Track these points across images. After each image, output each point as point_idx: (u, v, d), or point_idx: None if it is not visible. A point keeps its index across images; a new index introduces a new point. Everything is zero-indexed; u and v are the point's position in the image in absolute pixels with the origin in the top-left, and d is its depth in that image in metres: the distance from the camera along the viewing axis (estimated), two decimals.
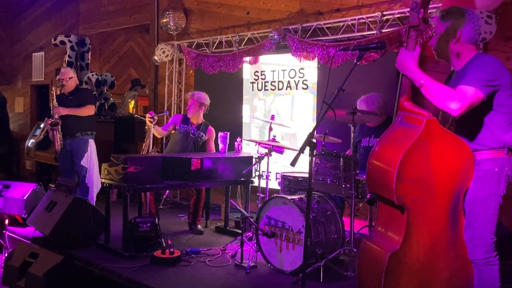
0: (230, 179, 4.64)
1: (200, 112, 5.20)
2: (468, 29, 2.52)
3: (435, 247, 2.52)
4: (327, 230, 3.67)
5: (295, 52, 5.34)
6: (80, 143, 5.34)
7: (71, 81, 5.41)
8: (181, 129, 5.16)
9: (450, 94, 2.38)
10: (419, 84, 2.47)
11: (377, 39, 4.61)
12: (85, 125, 5.36)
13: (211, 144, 5.24)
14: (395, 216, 2.54)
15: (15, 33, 10.17)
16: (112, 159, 4.14)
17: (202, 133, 5.17)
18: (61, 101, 5.37)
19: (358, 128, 4.43)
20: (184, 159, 4.28)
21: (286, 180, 4.24)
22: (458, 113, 2.38)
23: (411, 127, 2.51)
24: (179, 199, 6.77)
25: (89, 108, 5.34)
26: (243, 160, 4.65)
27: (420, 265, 2.51)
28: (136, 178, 4.07)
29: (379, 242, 2.60)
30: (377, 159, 2.57)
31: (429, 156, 2.44)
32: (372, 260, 2.58)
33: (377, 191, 2.59)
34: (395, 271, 2.48)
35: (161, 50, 6.78)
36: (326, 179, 3.70)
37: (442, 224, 2.51)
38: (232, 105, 6.26)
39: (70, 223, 4.24)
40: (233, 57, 6.02)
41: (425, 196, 2.48)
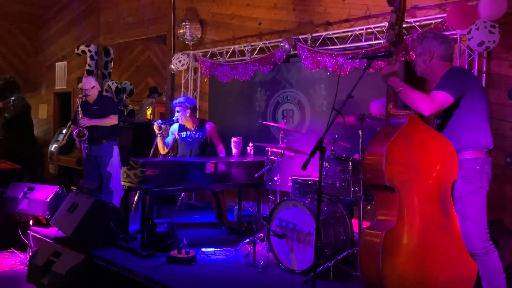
0: (243, 182, 4.64)
1: (189, 115, 4.97)
2: (440, 49, 2.86)
3: (427, 230, 2.66)
4: (336, 231, 3.66)
5: (305, 60, 5.34)
6: (106, 149, 5.38)
7: (94, 90, 5.43)
8: (181, 138, 5.08)
9: (422, 98, 2.70)
10: (398, 90, 2.81)
11: (384, 48, 4.60)
12: (110, 132, 5.40)
13: (215, 139, 5.09)
14: (388, 200, 2.70)
15: (40, 43, 10.30)
16: (131, 163, 4.16)
17: (202, 133, 5.05)
18: (86, 110, 5.41)
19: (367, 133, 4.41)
20: (199, 163, 4.30)
21: (297, 183, 4.23)
22: (428, 113, 2.68)
23: (397, 123, 2.80)
24: (194, 201, 6.79)
25: (113, 118, 5.39)
26: (255, 164, 4.65)
27: (415, 246, 2.63)
28: (153, 181, 4.09)
29: (376, 227, 2.73)
30: (369, 153, 2.78)
31: (413, 145, 2.71)
32: (370, 242, 2.68)
33: (371, 181, 2.77)
34: (391, 250, 2.60)
35: (177, 60, 6.82)
36: (335, 182, 3.69)
37: (432, 208, 2.68)
38: (245, 111, 6.27)
39: (91, 223, 4.27)
40: (245, 65, 6.04)
41: (413, 180, 2.68)
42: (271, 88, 6.01)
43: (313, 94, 5.54)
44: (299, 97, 5.70)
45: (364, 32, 4.95)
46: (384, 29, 4.74)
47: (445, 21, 4.32)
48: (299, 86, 5.69)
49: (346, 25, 5.25)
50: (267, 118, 6.03)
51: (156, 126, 4.79)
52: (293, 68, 5.73)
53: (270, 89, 6.02)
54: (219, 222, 5.03)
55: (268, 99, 6.04)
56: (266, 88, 6.05)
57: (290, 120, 5.77)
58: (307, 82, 5.59)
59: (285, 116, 5.82)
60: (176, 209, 6.27)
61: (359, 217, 3.62)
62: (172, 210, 6.17)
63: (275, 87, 5.95)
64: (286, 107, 5.85)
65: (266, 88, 6.06)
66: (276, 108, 5.96)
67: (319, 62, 5.24)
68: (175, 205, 6.39)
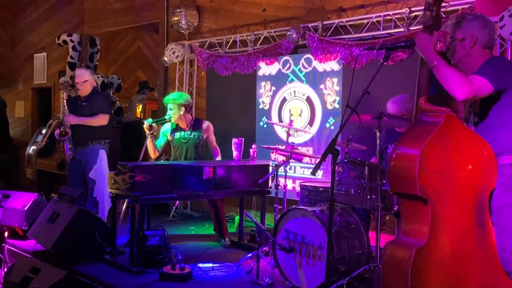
0: (245, 189, 4.64)
1: (182, 113, 4.99)
2: (484, 34, 2.77)
3: (461, 245, 2.61)
4: (351, 245, 3.65)
5: (315, 52, 5.35)
6: (91, 153, 5.37)
7: (86, 84, 5.43)
8: (174, 140, 5.08)
9: (459, 78, 2.60)
10: (432, 65, 2.68)
11: (405, 37, 4.61)
12: (97, 134, 5.39)
13: (212, 139, 5.13)
14: (419, 212, 2.64)
15: (16, 32, 10.35)
16: (118, 168, 4.17)
17: (197, 133, 5.07)
18: (74, 106, 5.43)
19: (385, 133, 4.42)
20: (195, 167, 4.30)
21: (306, 191, 4.23)
22: (462, 97, 2.60)
23: (431, 122, 2.70)
24: (190, 210, 6.80)
25: (102, 118, 5.37)
26: (259, 168, 4.65)
27: (448, 264, 2.57)
28: (144, 187, 4.09)
29: (404, 242, 2.67)
30: (398, 156, 2.70)
31: (449, 149, 2.62)
32: (397, 260, 2.64)
33: (399, 189, 2.71)
34: (422, 269, 2.55)
35: (171, 51, 6.85)
36: (349, 189, 3.69)
37: (467, 221, 2.61)
38: (247, 109, 6.28)
39: (74, 236, 4.27)
40: (248, 57, 6.05)
41: (447, 190, 2.60)
42: (276, 83, 6.01)
43: (324, 89, 5.55)
44: (308, 93, 5.70)
45: (382, 19, 4.95)
46: (405, 16, 4.74)
47: (473, 6, 4.32)
48: (308, 81, 5.69)
49: (361, 11, 5.25)
50: (272, 116, 6.03)
51: (146, 125, 4.80)
52: (302, 60, 5.73)
53: (275, 84, 6.03)
54: (218, 234, 5.04)
55: (273, 95, 6.05)
56: (271, 82, 6.06)
57: (298, 119, 5.77)
58: (318, 76, 5.60)
59: (292, 115, 5.83)
60: (170, 220, 6.27)
61: (377, 229, 3.62)
62: (165, 220, 6.17)
63: (281, 82, 5.95)
64: (294, 104, 5.86)
65: (271, 82, 6.07)
66: (282, 105, 5.97)
67: (331, 53, 5.24)
68: (168, 215, 6.39)
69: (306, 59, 5.69)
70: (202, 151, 5.08)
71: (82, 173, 5.44)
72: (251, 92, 6.24)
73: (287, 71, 5.90)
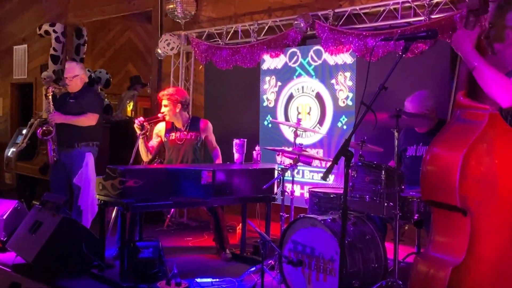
0: (247, 196, 4.63)
1: (178, 111, 4.97)
2: None
3: (502, 264, 2.55)
4: (366, 257, 3.64)
5: (326, 43, 5.34)
6: (77, 156, 5.35)
7: (76, 79, 5.42)
8: (169, 141, 5.06)
9: (503, 82, 2.52)
10: (472, 66, 2.61)
11: (426, 27, 4.59)
12: (85, 135, 5.37)
13: (211, 139, 5.12)
14: (455, 224, 2.59)
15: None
16: (107, 172, 4.17)
17: (195, 133, 5.04)
18: (61, 103, 5.43)
19: (404, 134, 4.40)
20: (192, 172, 4.29)
21: (316, 197, 4.22)
22: (508, 104, 2.52)
23: (472, 122, 2.62)
24: (187, 220, 6.79)
25: (90, 117, 5.34)
26: (263, 172, 4.64)
27: (487, 284, 2.54)
28: (135, 194, 4.09)
29: (436, 258, 2.62)
30: (435, 158, 2.63)
31: (494, 154, 2.55)
32: (429, 279, 2.59)
33: (434, 197, 2.64)
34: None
35: (165, 42, 6.84)
36: (364, 196, 3.67)
37: (508, 237, 2.56)
38: (249, 106, 6.27)
39: (58, 247, 4.27)
40: (250, 49, 6.04)
41: (489, 201, 2.54)
42: (282, 78, 6.00)
43: (335, 85, 5.54)
44: (318, 88, 5.69)
45: (400, 6, 4.94)
46: (425, 3, 4.73)
47: None
48: (318, 75, 5.68)
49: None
50: (277, 115, 6.02)
51: (137, 125, 4.78)
52: (311, 53, 5.72)
53: (281, 78, 6.01)
54: (218, 246, 5.03)
55: (279, 92, 6.04)
56: (277, 77, 6.05)
57: (307, 118, 5.76)
58: (328, 70, 5.59)
59: (300, 113, 5.82)
60: (164, 230, 6.27)
61: (395, 240, 3.60)
62: (159, 230, 6.17)
63: (288, 77, 5.94)
64: (302, 101, 5.84)
65: (276, 77, 6.06)
66: (289, 102, 5.96)
67: (343, 44, 5.23)
68: (162, 225, 6.39)
69: (315, 51, 5.68)
70: (200, 153, 5.07)
71: (67, 178, 5.43)
72: (254, 88, 6.23)
73: (294, 64, 5.88)
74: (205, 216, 5.91)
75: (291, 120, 5.81)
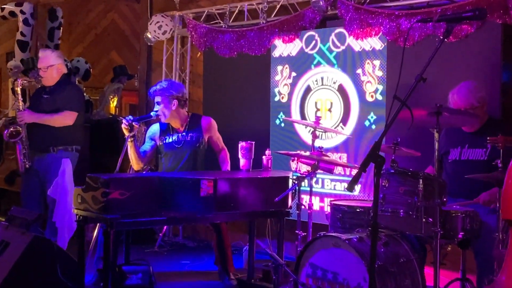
0: (256, 210, 4.64)
1: (175, 109, 4.95)
2: None
3: None
4: (400, 285, 3.64)
5: (350, 25, 5.35)
6: (52, 162, 5.36)
7: (51, 70, 5.43)
8: (164, 145, 5.06)
9: None
10: None
11: (472, 5, 4.58)
12: (63, 137, 5.39)
13: (216, 140, 5.13)
14: None
15: None
16: (88, 181, 4.18)
17: (195, 133, 5.04)
18: (36, 100, 5.46)
19: (446, 134, 4.40)
20: (190, 181, 4.31)
21: (339, 212, 4.22)
22: None
23: None
24: (183, 239, 6.81)
25: (66, 116, 5.36)
26: (275, 182, 4.65)
27: None
28: (121, 208, 4.10)
29: None
30: None
31: None
32: None
33: None
34: None
35: (156, 25, 6.85)
36: (397, 210, 3.67)
37: None
38: (258, 102, 6.28)
39: (28, 272, 4.28)
40: (259, 33, 6.06)
41: None
42: (298, 67, 6.02)
43: (362, 75, 5.54)
44: (340, 80, 5.70)
45: None
46: None
47: None
48: (340, 64, 5.69)
49: None
50: (292, 112, 6.04)
51: (125, 125, 4.79)
52: (332, 37, 5.73)
53: (296, 68, 6.03)
54: (220, 270, 5.05)
55: (293, 84, 6.05)
56: (291, 66, 6.06)
57: (328, 116, 5.77)
58: (353, 58, 5.59)
59: (319, 109, 5.83)
60: (156, 251, 6.29)
61: (435, 264, 3.60)
62: (149, 251, 6.20)
63: (305, 66, 5.95)
64: (321, 96, 5.85)
65: (290, 66, 6.07)
66: (305, 96, 5.97)
67: (371, 26, 5.23)
68: (154, 245, 6.41)
69: (337, 35, 5.68)
70: (203, 158, 5.06)
71: (41, 189, 5.43)
72: (264, 79, 6.24)
73: (312, 51, 5.89)
74: (205, 234, 5.93)
75: (308, 118, 5.81)
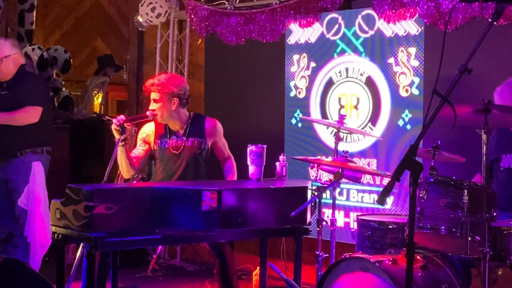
0: (268, 227, 4.63)
1: (174, 108, 4.95)
2: None
3: None
4: None
5: (380, 5, 5.35)
6: (19, 168, 5.40)
7: (6, 62, 5.46)
8: (160, 150, 5.04)
9: None
10: None
11: None
12: (30, 137, 5.43)
13: (221, 146, 5.14)
14: None
15: None
16: (68, 193, 4.19)
17: (198, 138, 5.04)
18: None
19: (496, 136, 4.40)
20: (189, 192, 4.30)
21: (368, 229, 4.23)
22: None
23: None
24: (180, 261, 6.83)
25: (29, 112, 5.39)
26: (290, 193, 4.64)
27: None
28: (108, 224, 4.10)
29: None
30: None
31: None
32: None
33: None
34: None
35: (148, 6, 6.87)
36: (438, 226, 3.66)
37: None
38: (270, 97, 6.29)
39: None
40: (271, 16, 6.06)
41: None
42: (318, 56, 6.03)
43: (394, 65, 5.55)
44: (369, 71, 5.71)
45: None
46: None
47: None
48: (369, 52, 5.70)
49: None
50: (311, 109, 6.04)
51: (115, 126, 4.79)
52: (358, 19, 5.75)
53: (316, 57, 6.04)
54: None
55: (312, 76, 6.06)
56: (310, 55, 6.08)
57: (354, 114, 5.78)
58: (384, 45, 5.60)
59: (343, 106, 5.84)
60: (149, 275, 6.31)
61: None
62: (141, 276, 6.22)
63: (326, 54, 5.97)
64: (346, 90, 5.87)
65: (309, 55, 6.09)
66: (327, 91, 5.98)
67: (405, 7, 5.24)
68: (146, 268, 6.44)
69: (365, 18, 5.70)
70: (205, 167, 5.07)
71: (9, 202, 5.46)
72: (277, 71, 6.26)
73: (335, 36, 5.90)
74: (207, 256, 5.92)
75: (331, 117, 5.82)
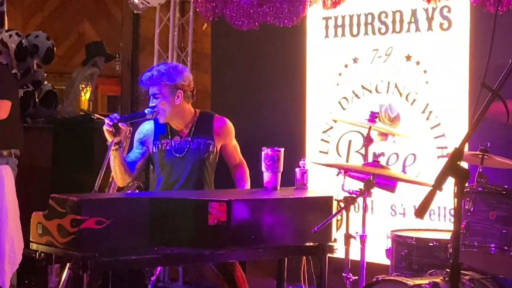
0: (286, 244, 4.64)
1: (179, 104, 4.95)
2: None
3: None
4: None
5: None
6: None
7: None
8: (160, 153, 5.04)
9: None
10: None
11: None
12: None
13: (232, 150, 5.16)
14: None
15: None
16: (51, 204, 4.21)
17: (205, 139, 5.04)
18: None
19: None
20: (194, 204, 4.32)
21: (404, 247, 4.24)
22: None
23: None
24: (182, 285, 6.87)
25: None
26: (313, 204, 4.65)
27: None
28: (99, 241, 4.12)
29: None
30: None
31: None
32: None
33: None
34: None
35: None
36: (487, 244, 3.67)
37: None
38: (288, 92, 6.33)
39: None
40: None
41: None
42: None
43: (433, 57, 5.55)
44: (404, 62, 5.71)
45: None
46: None
47: None
48: (402, 38, 5.72)
49: None
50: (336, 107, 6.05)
51: (108, 126, 4.80)
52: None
53: None
54: None
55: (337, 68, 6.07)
56: None
57: (386, 112, 5.78)
58: (422, 28, 5.62)
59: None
60: None
61: None
62: None
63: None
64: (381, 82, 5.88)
65: None
66: None
67: None
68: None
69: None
70: (212, 173, 5.08)
71: None
72: (297, 61, 6.29)
73: (364, 20, 5.92)
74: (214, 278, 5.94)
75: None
